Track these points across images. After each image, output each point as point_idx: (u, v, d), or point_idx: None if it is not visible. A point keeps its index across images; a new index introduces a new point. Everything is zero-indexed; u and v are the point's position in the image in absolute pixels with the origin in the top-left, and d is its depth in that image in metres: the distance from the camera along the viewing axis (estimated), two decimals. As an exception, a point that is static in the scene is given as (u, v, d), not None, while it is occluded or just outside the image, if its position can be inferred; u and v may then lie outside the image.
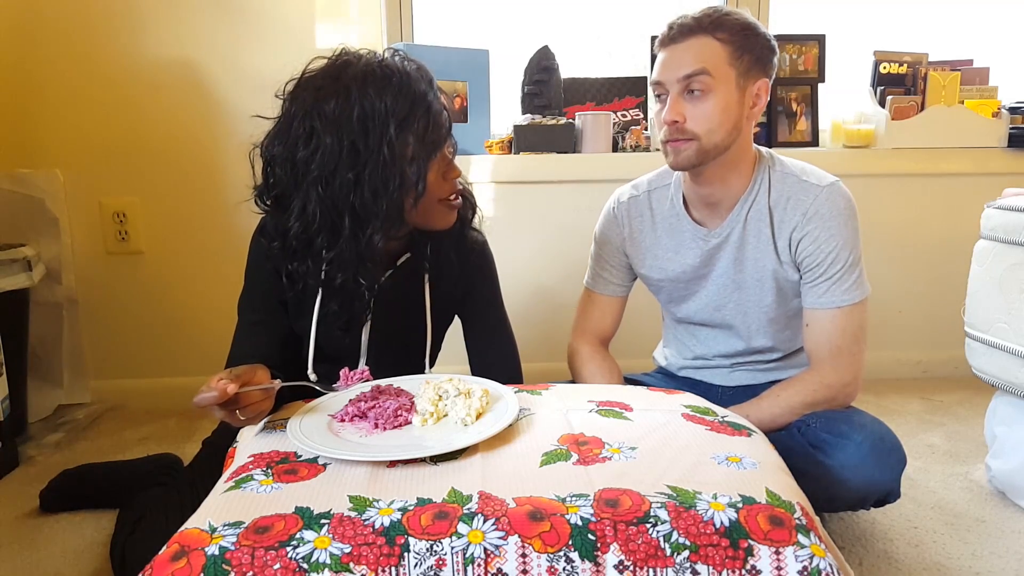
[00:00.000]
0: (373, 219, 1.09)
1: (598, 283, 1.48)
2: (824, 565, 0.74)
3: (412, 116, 1.07)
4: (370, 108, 1.06)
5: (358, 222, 1.09)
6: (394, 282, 1.23)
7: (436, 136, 1.11)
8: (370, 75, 1.07)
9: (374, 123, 1.06)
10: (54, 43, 1.95)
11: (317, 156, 1.06)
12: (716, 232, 1.33)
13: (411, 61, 1.12)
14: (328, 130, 1.05)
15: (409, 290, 1.24)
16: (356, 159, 1.06)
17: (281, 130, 1.09)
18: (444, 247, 1.24)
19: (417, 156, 1.09)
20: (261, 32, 2.00)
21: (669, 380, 1.50)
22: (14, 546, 1.34)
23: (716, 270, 1.35)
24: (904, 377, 2.23)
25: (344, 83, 1.06)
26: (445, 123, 1.12)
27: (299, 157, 1.07)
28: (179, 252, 2.06)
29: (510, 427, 0.96)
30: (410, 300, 1.25)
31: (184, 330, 2.08)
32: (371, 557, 0.72)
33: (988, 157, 2.14)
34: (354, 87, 1.06)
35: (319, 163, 1.06)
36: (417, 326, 1.26)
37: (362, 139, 1.06)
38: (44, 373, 2.00)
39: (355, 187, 1.07)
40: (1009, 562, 1.25)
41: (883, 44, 2.21)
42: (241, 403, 0.92)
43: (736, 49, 1.22)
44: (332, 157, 1.06)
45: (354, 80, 1.06)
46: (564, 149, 2.04)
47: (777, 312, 1.35)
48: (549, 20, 2.28)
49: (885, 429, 1.22)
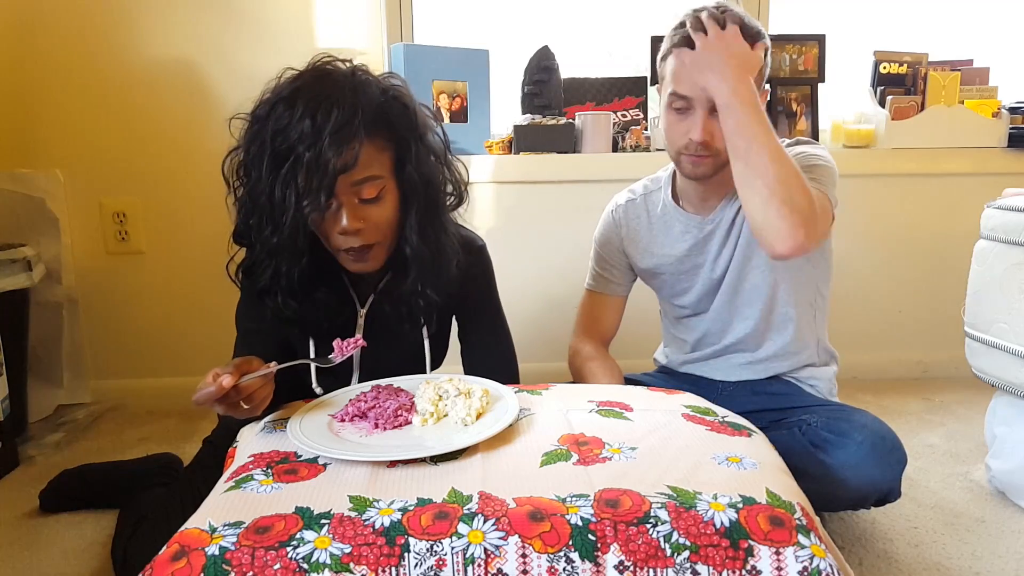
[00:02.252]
0: (271, 248, 1.05)
1: (599, 283, 1.50)
2: (824, 565, 0.74)
3: (283, 161, 0.99)
4: (255, 138, 1.03)
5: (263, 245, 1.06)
6: (383, 301, 1.19)
7: (309, 190, 0.99)
8: (278, 103, 1.01)
9: (259, 154, 1.02)
10: (54, 43, 1.95)
11: (235, 164, 1.08)
12: (709, 219, 1.36)
13: (360, 88, 1.02)
14: (240, 145, 1.06)
15: (398, 311, 1.18)
16: (248, 182, 1.06)
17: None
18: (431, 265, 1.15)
19: (283, 205, 1.00)
20: (261, 33, 2.00)
21: (670, 378, 1.50)
22: (14, 546, 1.34)
23: (711, 254, 1.37)
24: (904, 377, 2.23)
25: (264, 102, 1.04)
26: (322, 181, 0.98)
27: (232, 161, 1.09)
28: (179, 252, 2.06)
29: (510, 427, 0.96)
30: (400, 320, 1.19)
31: (184, 330, 2.08)
32: (371, 557, 0.72)
33: (988, 157, 2.13)
34: (262, 110, 1.03)
35: (233, 171, 1.08)
36: (413, 345, 1.23)
37: (253, 165, 1.04)
38: (44, 373, 2.00)
39: (250, 209, 1.06)
40: (1009, 562, 1.25)
41: (883, 44, 2.21)
42: (242, 394, 0.92)
43: (759, 60, 1.23)
44: (240, 168, 1.07)
45: (268, 102, 1.03)
46: (564, 149, 2.04)
47: (778, 290, 1.35)
48: (549, 20, 2.28)
49: (886, 428, 1.22)
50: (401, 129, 1.07)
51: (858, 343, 2.19)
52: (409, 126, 1.08)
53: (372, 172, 1.04)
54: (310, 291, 1.12)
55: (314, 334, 1.17)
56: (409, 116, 1.08)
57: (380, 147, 1.05)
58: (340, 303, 1.18)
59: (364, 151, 1.01)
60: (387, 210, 1.08)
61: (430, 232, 1.13)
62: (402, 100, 1.08)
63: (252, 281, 1.12)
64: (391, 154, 1.07)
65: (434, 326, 1.24)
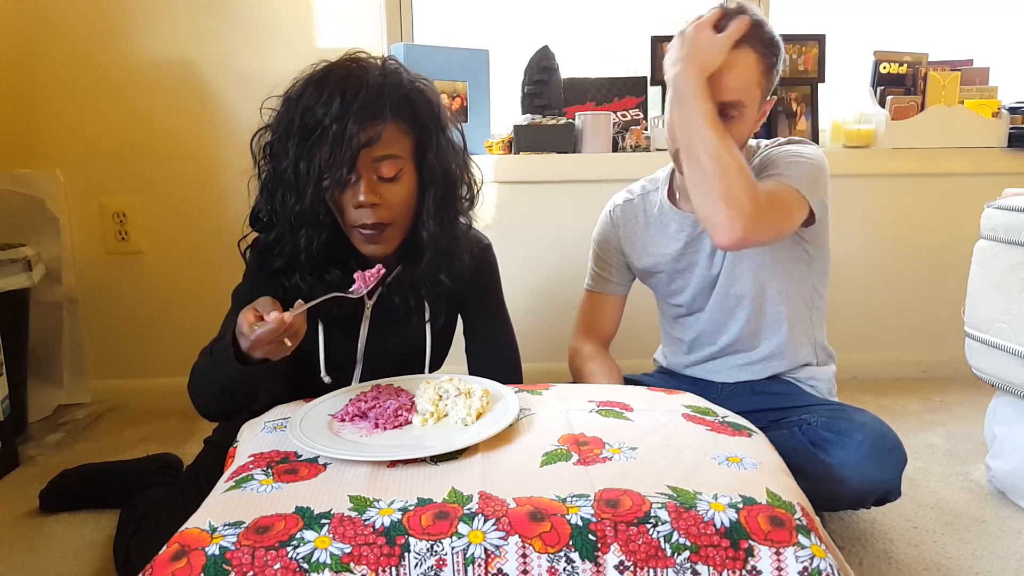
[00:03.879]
0: (294, 218, 1.11)
1: (598, 283, 1.51)
2: (824, 566, 0.74)
3: (309, 136, 1.06)
4: (285, 118, 1.09)
5: (286, 217, 1.11)
6: (389, 293, 1.21)
7: (332, 162, 1.05)
8: (309, 84, 1.09)
9: (287, 132, 1.08)
10: (54, 43, 1.95)
11: (263, 143, 1.14)
12: None
13: (389, 75, 1.10)
14: (270, 125, 1.12)
15: (406, 303, 1.21)
16: (274, 159, 1.11)
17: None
18: (441, 259, 1.19)
19: (308, 177, 1.07)
20: (261, 33, 2.00)
21: (670, 379, 1.50)
22: (14, 546, 1.34)
23: (705, 251, 1.37)
24: (904, 377, 2.23)
25: (296, 85, 1.10)
26: (345, 153, 1.04)
27: (260, 140, 1.15)
28: (179, 252, 2.06)
29: (510, 427, 0.96)
30: (408, 313, 1.22)
31: (184, 330, 2.08)
32: (371, 557, 0.72)
33: (988, 157, 2.13)
34: (294, 92, 1.10)
35: (260, 150, 1.14)
36: (417, 338, 1.24)
37: (280, 143, 1.10)
38: (44, 373, 2.00)
39: (275, 184, 1.11)
40: (1009, 562, 1.25)
41: (883, 44, 2.21)
42: (290, 330, 0.95)
43: (767, 68, 1.24)
44: (266, 149, 1.13)
45: (300, 85, 1.10)
46: (564, 149, 2.04)
47: (768, 288, 1.35)
48: (549, 20, 2.28)
49: (886, 428, 1.22)
50: (424, 118, 1.12)
51: (858, 343, 2.19)
52: (432, 117, 1.14)
53: (393, 151, 1.09)
54: (325, 271, 1.15)
55: (323, 318, 1.19)
56: (433, 109, 1.14)
57: (403, 130, 1.10)
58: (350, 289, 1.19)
59: (387, 130, 1.07)
60: (403, 191, 1.12)
61: (446, 220, 1.18)
62: (427, 94, 1.14)
63: (267, 261, 1.16)
64: (413, 139, 1.12)
65: (441, 319, 1.26)
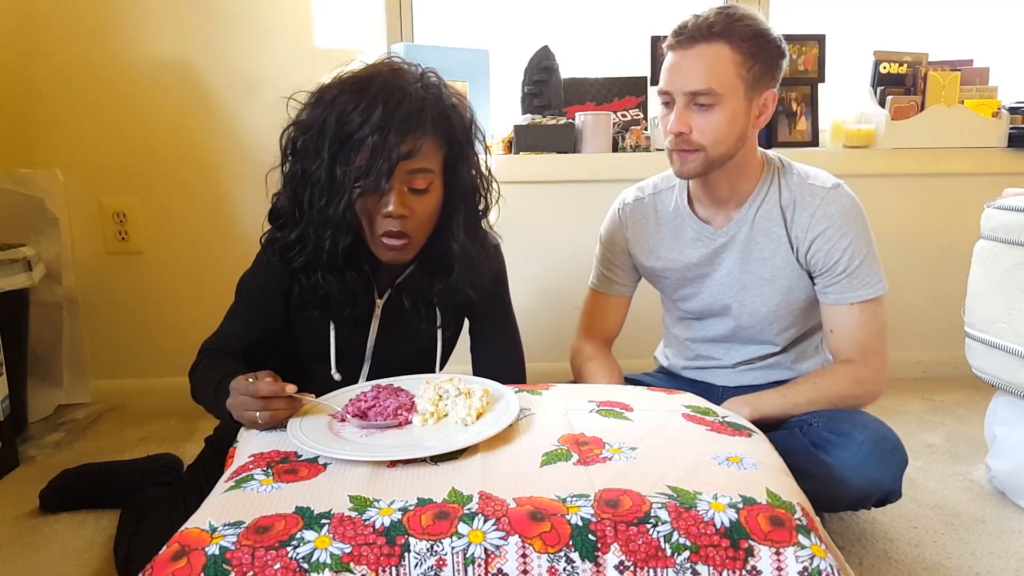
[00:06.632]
0: (321, 219, 1.11)
1: (603, 283, 1.49)
2: (824, 566, 0.74)
3: (347, 141, 1.06)
4: (319, 118, 1.09)
5: (312, 217, 1.12)
6: (401, 295, 1.22)
7: (369, 171, 1.05)
8: (347, 89, 1.09)
9: (321, 133, 1.08)
10: (54, 43, 1.95)
11: (292, 139, 1.13)
12: (723, 231, 1.33)
13: (430, 88, 1.10)
14: (301, 123, 1.12)
15: (416, 308, 1.23)
16: (305, 158, 1.11)
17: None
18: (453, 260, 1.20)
19: (342, 181, 1.07)
20: (261, 33, 2.00)
21: (670, 380, 1.50)
22: (14, 546, 1.34)
23: (721, 269, 1.36)
24: (904, 377, 2.23)
25: (332, 85, 1.11)
26: (383, 164, 1.05)
27: (289, 136, 1.15)
28: (179, 252, 2.05)
29: (510, 427, 0.96)
30: (419, 318, 1.23)
31: (184, 330, 2.07)
32: (371, 557, 0.72)
33: (988, 157, 2.13)
34: (330, 93, 1.10)
35: (290, 145, 1.14)
36: (425, 340, 1.26)
37: (311, 142, 1.10)
38: (44, 373, 2.00)
39: (303, 183, 1.11)
40: (1009, 562, 1.25)
41: (883, 44, 2.21)
42: (292, 405, 0.98)
43: (746, 59, 1.21)
44: (295, 145, 1.13)
45: (337, 86, 1.10)
46: (564, 149, 2.04)
47: (782, 312, 1.35)
48: (549, 20, 2.28)
49: (887, 429, 1.22)
50: (458, 134, 1.14)
51: (858, 343, 2.19)
52: (465, 133, 1.15)
53: (427, 164, 1.10)
54: (344, 272, 1.16)
55: (335, 318, 1.20)
56: (467, 124, 1.16)
57: (437, 145, 1.11)
58: (364, 290, 1.21)
59: (426, 144, 1.08)
60: (431, 204, 1.13)
61: (474, 234, 1.20)
62: (461, 109, 1.16)
63: (287, 259, 1.16)
64: (444, 153, 1.13)
65: (451, 326, 1.28)
